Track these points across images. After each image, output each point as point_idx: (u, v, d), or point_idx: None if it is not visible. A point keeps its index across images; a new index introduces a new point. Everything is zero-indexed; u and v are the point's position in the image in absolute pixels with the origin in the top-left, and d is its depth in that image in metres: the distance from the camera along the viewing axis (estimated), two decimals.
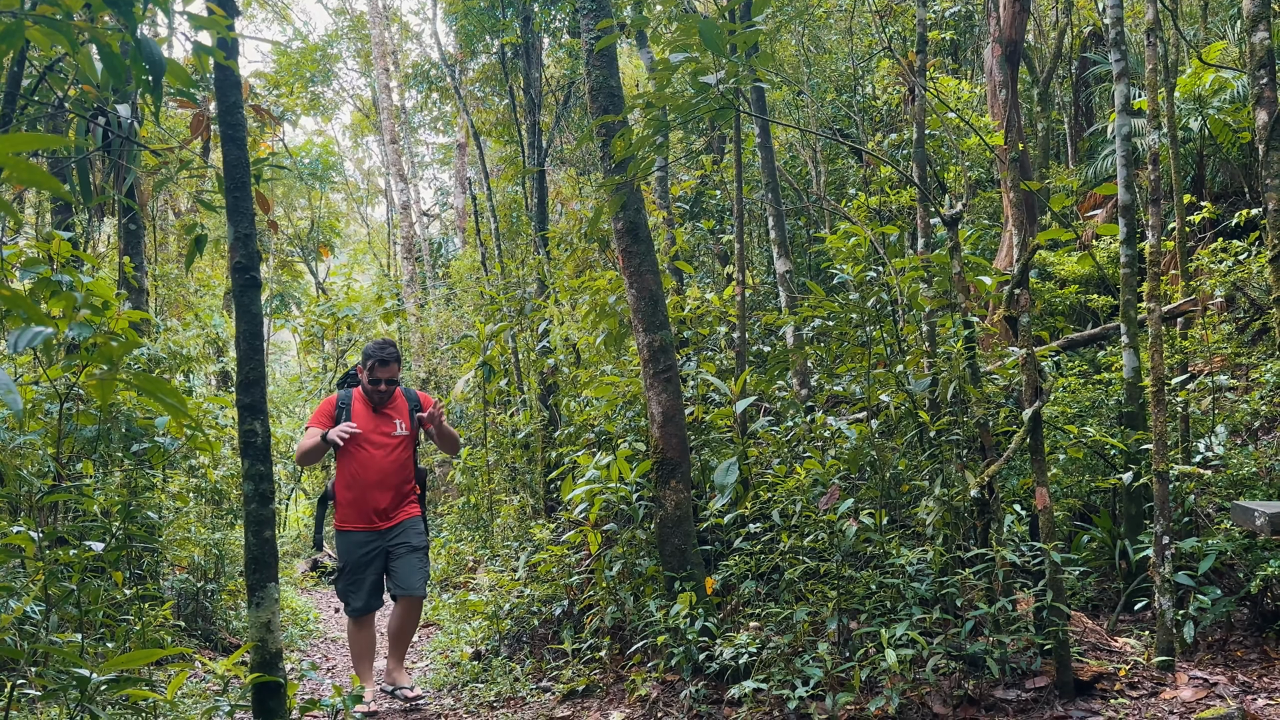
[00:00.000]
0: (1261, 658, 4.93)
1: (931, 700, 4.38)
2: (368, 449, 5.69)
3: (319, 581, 12.69)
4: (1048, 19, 15.47)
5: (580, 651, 5.80)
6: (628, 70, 17.34)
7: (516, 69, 12.63)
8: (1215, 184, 12.02)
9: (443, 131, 23.57)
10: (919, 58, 6.22)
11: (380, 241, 29.22)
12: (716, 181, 12.66)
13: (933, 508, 4.75)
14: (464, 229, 21.97)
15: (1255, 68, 5.25)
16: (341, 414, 5.73)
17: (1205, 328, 8.28)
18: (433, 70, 16.73)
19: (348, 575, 5.74)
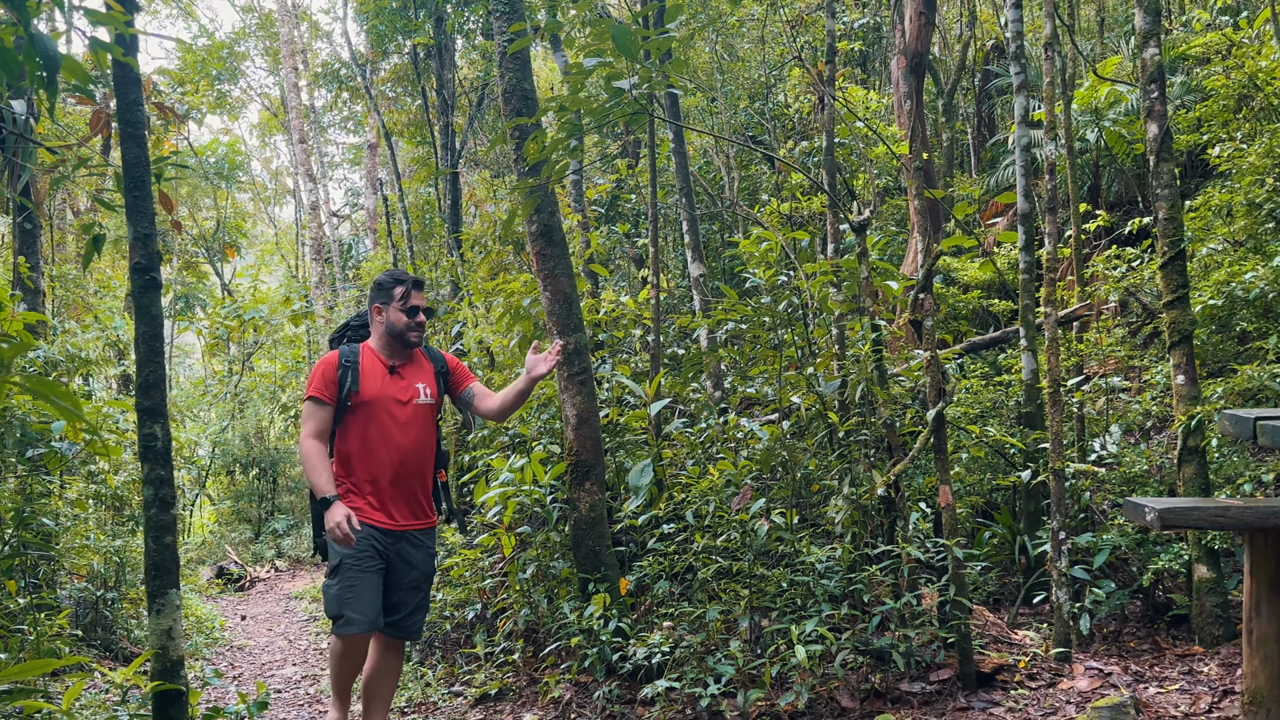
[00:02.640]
0: (1153, 648, 5.15)
1: (840, 694, 4.48)
2: (390, 417, 4.24)
3: (224, 589, 12.37)
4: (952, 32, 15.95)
5: (493, 655, 5.77)
6: (542, 73, 17.31)
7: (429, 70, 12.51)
8: (1110, 193, 12.51)
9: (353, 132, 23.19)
10: (828, 68, 6.36)
11: (288, 242, 28.59)
12: (632, 185, 12.73)
13: (841, 506, 4.85)
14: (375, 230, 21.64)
15: (1146, 82, 5.49)
16: (346, 377, 4.22)
17: (1100, 331, 8.63)
18: (343, 70, 16.47)
19: (347, 573, 4.09)
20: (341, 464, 4.26)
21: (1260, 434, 3.25)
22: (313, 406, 4.23)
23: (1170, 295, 5.32)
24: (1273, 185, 6.19)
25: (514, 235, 7.53)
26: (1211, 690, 4.35)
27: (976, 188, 13.66)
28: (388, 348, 4.34)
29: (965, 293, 10.81)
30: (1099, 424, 7.14)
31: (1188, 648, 5.04)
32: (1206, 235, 6.94)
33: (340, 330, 4.64)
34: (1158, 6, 5.56)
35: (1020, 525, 6.31)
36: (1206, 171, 9.72)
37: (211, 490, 17.19)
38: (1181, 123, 9.28)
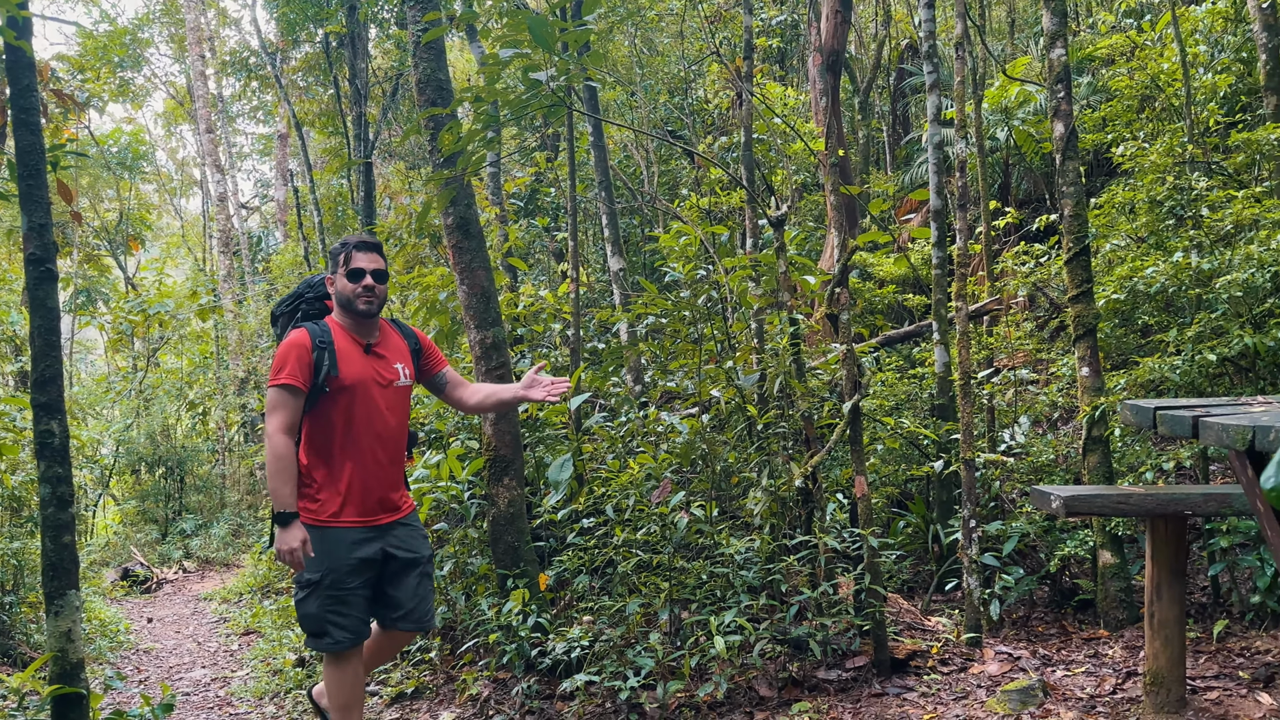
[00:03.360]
0: (1060, 632, 5.31)
1: (758, 684, 4.52)
2: (368, 402, 3.77)
3: (130, 591, 11.96)
4: (868, 31, 16.21)
5: (409, 653, 5.69)
6: (458, 64, 17.10)
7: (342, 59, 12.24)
8: (1020, 191, 12.87)
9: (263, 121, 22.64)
10: (745, 64, 6.39)
11: (195, 235, 27.78)
12: (551, 179, 12.65)
13: (760, 498, 4.89)
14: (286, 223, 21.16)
15: (1053, 82, 5.63)
16: (324, 359, 3.67)
17: (1009, 325, 8.86)
18: (252, 58, 16.04)
19: (326, 592, 3.67)
20: (316, 457, 3.74)
21: (1160, 423, 3.35)
22: (284, 395, 3.62)
23: (1075, 290, 5.48)
24: (1173, 183, 6.40)
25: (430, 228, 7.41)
26: (1115, 672, 4.49)
27: (891, 184, 13.92)
28: (353, 324, 3.84)
29: (881, 287, 11.00)
30: (1008, 415, 7.32)
31: (1093, 631, 5.20)
32: (1110, 232, 7.15)
33: (290, 302, 4.01)
34: (1064, 9, 5.71)
35: (933, 514, 6.44)
36: (1111, 170, 10.05)
37: (116, 490, 16.61)
38: (1087, 122, 9.57)
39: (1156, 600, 3.97)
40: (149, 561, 13.32)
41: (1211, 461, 5.93)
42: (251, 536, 14.08)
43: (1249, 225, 6.03)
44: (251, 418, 17.15)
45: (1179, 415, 3.23)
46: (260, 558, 10.40)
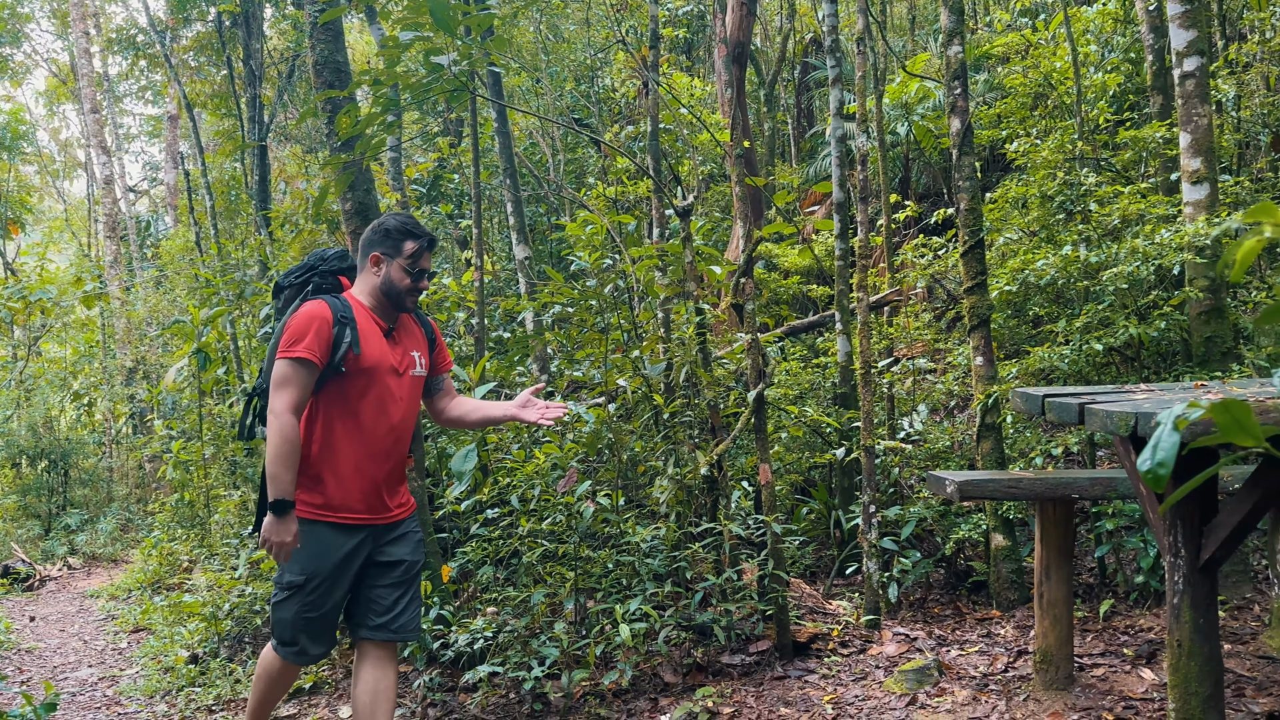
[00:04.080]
0: (955, 613, 5.45)
1: (663, 670, 4.53)
2: (383, 389, 3.49)
3: (11, 589, 11.41)
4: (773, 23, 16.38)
5: None
6: (358, 46, 16.72)
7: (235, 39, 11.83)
8: (920, 185, 13.18)
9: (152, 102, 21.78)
10: (652, 53, 6.38)
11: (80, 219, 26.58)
12: (454, 165, 12.46)
13: (666, 486, 4.90)
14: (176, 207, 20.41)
15: (950, 79, 5.76)
16: (344, 335, 3.38)
17: (908, 316, 9.06)
18: (140, 35, 15.39)
19: (309, 594, 3.41)
20: (318, 443, 3.42)
21: (1048, 410, 3.46)
22: (297, 370, 3.29)
23: (970, 282, 5.62)
24: (1063, 179, 6.62)
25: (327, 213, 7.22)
26: (1007, 651, 4.63)
27: (796, 176, 14.10)
28: (380, 307, 3.54)
29: (786, 278, 11.15)
30: (907, 403, 7.49)
31: (986, 612, 5.36)
32: (1004, 225, 7.36)
33: (300, 273, 3.63)
34: (961, 7, 5.84)
35: (836, 500, 6.55)
36: (1006, 165, 10.35)
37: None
38: (983, 118, 9.84)
39: (1045, 581, 4.11)
40: (31, 558, 12.72)
41: (1098, 447, 6.17)
42: (141, 531, 13.58)
43: (1135, 220, 6.27)
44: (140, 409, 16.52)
45: (1066, 403, 3.34)
46: (151, 553, 10.03)
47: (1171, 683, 3.36)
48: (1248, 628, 4.62)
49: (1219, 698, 3.31)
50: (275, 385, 3.31)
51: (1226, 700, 3.63)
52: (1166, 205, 6.26)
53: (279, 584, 3.46)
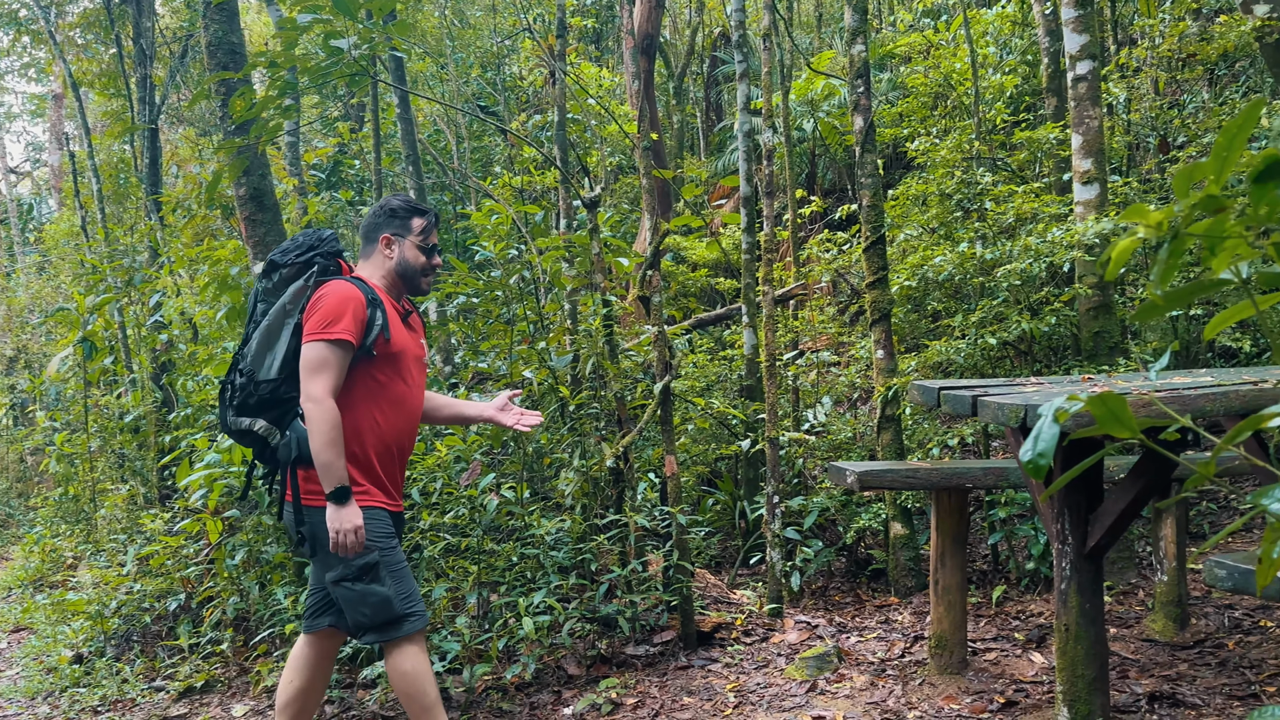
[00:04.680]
0: (855, 600, 5.56)
1: (567, 662, 4.51)
2: (407, 375, 3.39)
3: None
4: (683, 17, 16.42)
5: (199, 646, 5.38)
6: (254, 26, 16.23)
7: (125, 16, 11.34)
8: (825, 181, 13.38)
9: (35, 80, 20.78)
10: (559, 42, 6.33)
11: None
12: (355, 151, 12.19)
13: (572, 479, 4.87)
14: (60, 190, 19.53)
15: (854, 77, 5.84)
16: (377, 318, 3.24)
17: (813, 310, 9.20)
18: (22, 10, 14.66)
19: (386, 554, 3.24)
20: (346, 429, 3.20)
21: (944, 402, 3.54)
22: (336, 353, 3.11)
23: (872, 277, 5.72)
24: (961, 178, 6.79)
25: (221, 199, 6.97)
26: (904, 636, 4.74)
27: (705, 170, 14.18)
28: (394, 290, 3.43)
29: (694, 271, 11.21)
30: (812, 395, 7.61)
31: (885, 599, 5.47)
32: (905, 222, 7.51)
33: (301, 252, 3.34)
34: (865, 6, 5.93)
35: (741, 491, 6.61)
36: (908, 163, 10.59)
37: None
38: (886, 117, 10.03)
39: (941, 568, 4.21)
40: None
41: (992, 438, 6.35)
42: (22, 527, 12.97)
43: (1028, 218, 6.47)
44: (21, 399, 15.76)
45: (960, 395, 3.42)
46: (32, 550, 9.58)
47: (1059, 665, 3.47)
48: (1133, 612, 4.81)
49: (1104, 679, 3.44)
50: (313, 369, 3.10)
51: (1111, 682, 3.77)
52: (1059, 204, 6.47)
53: (351, 575, 3.17)
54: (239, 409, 3.28)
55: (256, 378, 3.24)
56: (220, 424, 3.40)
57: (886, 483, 4.26)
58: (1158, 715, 3.56)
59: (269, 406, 3.24)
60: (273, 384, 3.22)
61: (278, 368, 3.22)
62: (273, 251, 3.42)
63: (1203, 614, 4.66)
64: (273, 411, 3.25)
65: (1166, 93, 9.09)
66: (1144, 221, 1.07)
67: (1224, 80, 9.05)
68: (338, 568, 3.18)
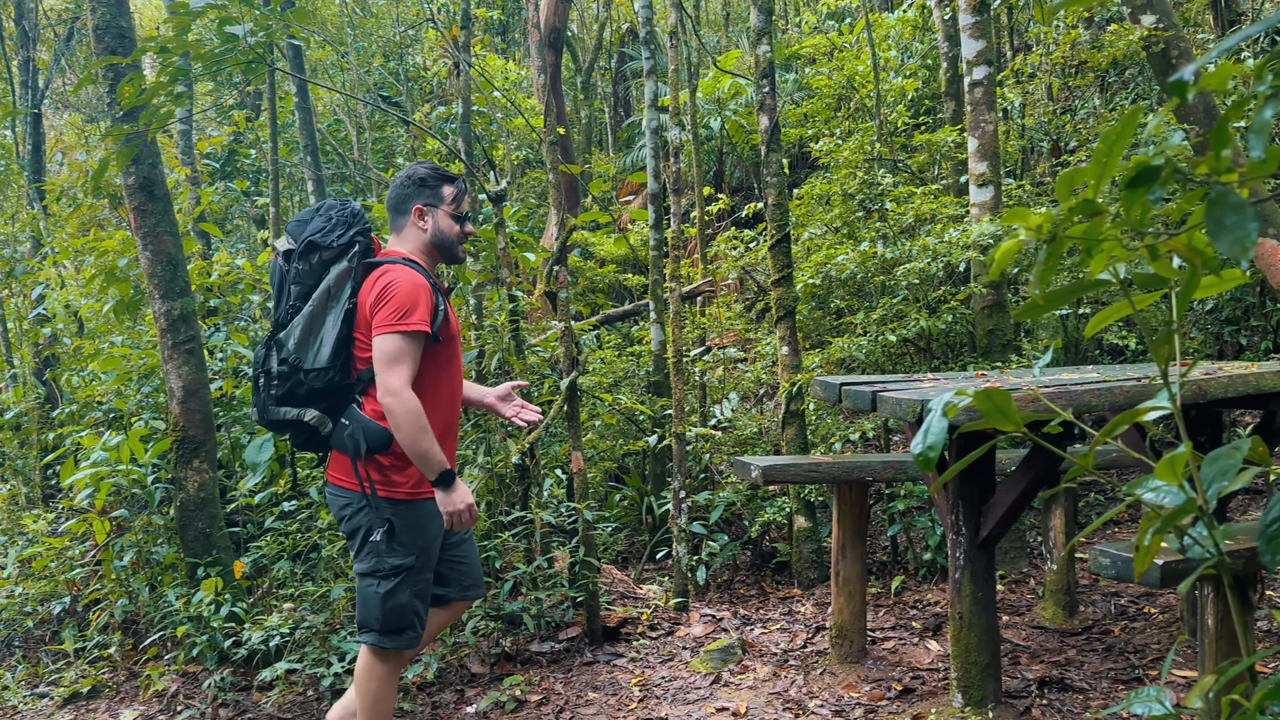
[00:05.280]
0: (760, 593, 5.61)
1: (470, 661, 4.46)
2: (457, 356, 3.33)
3: None
4: (590, 11, 16.38)
5: (85, 650, 5.15)
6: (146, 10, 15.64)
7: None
8: (733, 179, 13.51)
9: None
10: (464, 33, 6.24)
11: None
12: (251, 140, 11.83)
13: (477, 475, 4.81)
14: None
15: (759, 77, 5.89)
16: (439, 304, 3.16)
17: (720, 306, 9.27)
18: None
19: (419, 573, 3.17)
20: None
21: (845, 398, 3.60)
22: (414, 344, 3.01)
23: (777, 274, 5.79)
24: (862, 178, 6.91)
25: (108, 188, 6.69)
26: (806, 627, 4.81)
27: (613, 165, 14.18)
28: (431, 263, 3.29)
29: (601, 266, 11.18)
30: (719, 391, 7.66)
31: (789, 591, 5.54)
32: (809, 220, 7.61)
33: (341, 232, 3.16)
34: (770, 7, 5.99)
35: (648, 487, 6.62)
36: (813, 163, 10.75)
37: None
38: (791, 117, 10.17)
39: (842, 559, 4.28)
40: None
41: (892, 433, 6.49)
42: None
43: (927, 219, 6.63)
44: None
45: (861, 391, 3.48)
46: None
47: (953, 652, 3.57)
48: (1024, 600, 4.97)
49: (996, 666, 3.54)
50: (389, 361, 2.97)
51: (1003, 668, 3.88)
52: (956, 206, 6.64)
53: (382, 573, 3.10)
54: (282, 399, 3.12)
55: (303, 366, 3.08)
56: (256, 414, 3.24)
57: (789, 477, 4.32)
58: (1047, 699, 3.68)
59: (321, 396, 3.10)
60: (324, 373, 3.08)
61: (328, 355, 3.07)
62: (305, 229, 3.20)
63: (1090, 601, 4.83)
64: (325, 401, 3.12)
65: (1060, 98, 9.41)
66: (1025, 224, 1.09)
67: (1114, 87, 9.40)
68: (369, 560, 3.12)
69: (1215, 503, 1.20)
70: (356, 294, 3.10)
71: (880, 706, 3.78)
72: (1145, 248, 1.03)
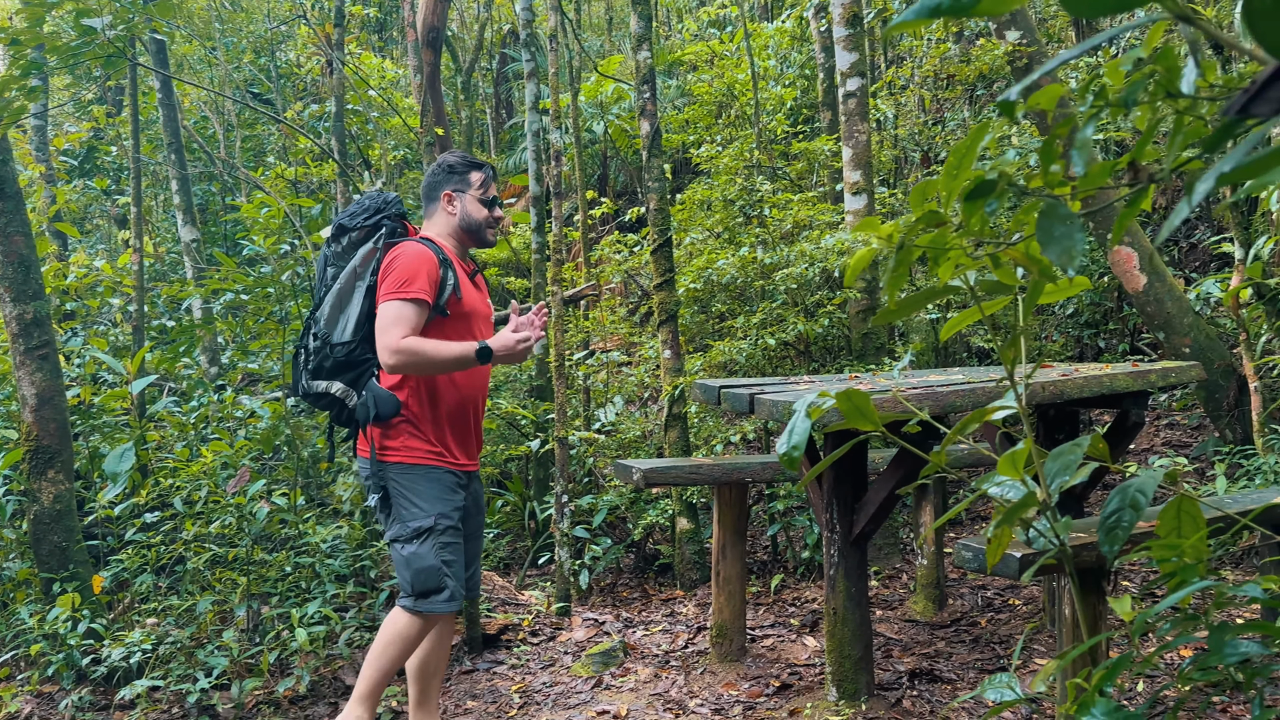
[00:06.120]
0: (643, 595, 5.64)
1: (344, 673, 4.34)
2: (476, 334, 3.39)
3: None
4: (471, 11, 16.20)
5: None
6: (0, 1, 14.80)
7: None
8: (618, 183, 13.55)
9: None
10: (337, 31, 6.10)
11: None
12: (112, 137, 11.30)
13: (351, 484, 4.69)
14: None
15: (640, 83, 5.93)
16: (449, 278, 3.27)
17: (604, 310, 9.29)
18: None
19: (443, 534, 3.24)
20: (421, 391, 3.27)
21: (724, 400, 3.64)
22: (412, 310, 3.13)
23: (659, 278, 5.83)
24: (742, 184, 7.04)
25: None
26: (688, 628, 4.85)
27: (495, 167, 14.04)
28: (460, 248, 3.46)
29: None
30: (603, 395, 7.67)
31: (671, 592, 5.58)
32: (691, 225, 7.71)
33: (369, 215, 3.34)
34: (650, 13, 6.03)
35: (530, 492, 6.58)
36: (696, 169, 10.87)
37: None
38: (673, 122, 10.26)
39: (722, 559, 4.34)
40: None
41: (773, 434, 6.61)
42: None
43: (805, 225, 6.78)
44: None
45: (739, 393, 3.53)
46: None
47: (828, 647, 3.65)
48: (897, 594, 5.12)
49: (868, 659, 3.64)
50: (387, 323, 3.11)
51: (876, 661, 4.00)
52: (832, 213, 6.81)
53: (403, 535, 3.22)
54: (314, 373, 3.31)
55: (331, 340, 3.27)
56: (294, 389, 3.43)
57: (671, 479, 4.35)
58: (917, 690, 3.80)
59: (345, 369, 3.27)
60: (348, 346, 3.25)
61: (352, 330, 3.25)
62: (339, 215, 3.43)
63: (959, 594, 5.02)
64: (349, 374, 3.28)
65: (931, 110, 9.76)
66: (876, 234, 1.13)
67: (982, 100, 9.79)
68: (394, 528, 3.25)
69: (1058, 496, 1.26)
70: (378, 273, 3.26)
71: (759, 703, 3.84)
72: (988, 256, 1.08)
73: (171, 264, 11.20)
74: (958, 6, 0.59)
